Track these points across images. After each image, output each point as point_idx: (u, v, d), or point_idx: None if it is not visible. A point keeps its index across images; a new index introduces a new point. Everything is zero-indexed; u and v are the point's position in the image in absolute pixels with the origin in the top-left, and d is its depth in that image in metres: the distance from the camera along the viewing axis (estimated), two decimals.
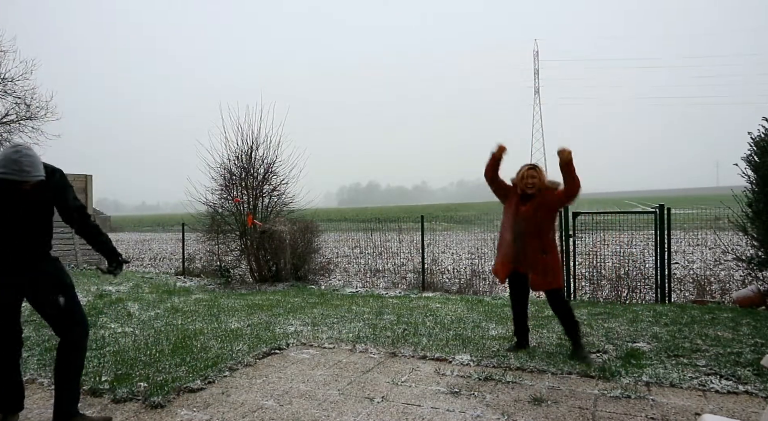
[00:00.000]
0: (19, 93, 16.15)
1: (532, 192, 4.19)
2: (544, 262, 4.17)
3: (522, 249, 4.19)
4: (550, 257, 4.20)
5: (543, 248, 4.18)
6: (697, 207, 10.88)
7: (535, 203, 4.19)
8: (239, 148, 10.10)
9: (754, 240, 6.56)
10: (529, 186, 4.20)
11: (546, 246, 4.20)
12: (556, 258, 4.28)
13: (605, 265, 8.02)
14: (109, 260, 3.18)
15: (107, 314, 6.40)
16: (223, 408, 3.28)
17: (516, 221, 4.22)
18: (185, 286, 9.58)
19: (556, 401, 3.30)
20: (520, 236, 4.19)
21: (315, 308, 6.56)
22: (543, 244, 4.18)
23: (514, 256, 4.24)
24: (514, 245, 4.22)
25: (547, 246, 4.21)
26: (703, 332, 4.90)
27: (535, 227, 4.17)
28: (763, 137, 6.38)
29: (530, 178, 4.21)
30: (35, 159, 2.74)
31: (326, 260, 11.26)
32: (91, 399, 3.43)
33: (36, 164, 2.73)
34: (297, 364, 4.19)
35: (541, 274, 4.18)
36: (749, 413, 3.08)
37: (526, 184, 4.21)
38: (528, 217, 4.17)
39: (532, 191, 4.19)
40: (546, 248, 4.19)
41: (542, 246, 4.18)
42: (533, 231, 4.17)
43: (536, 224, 4.18)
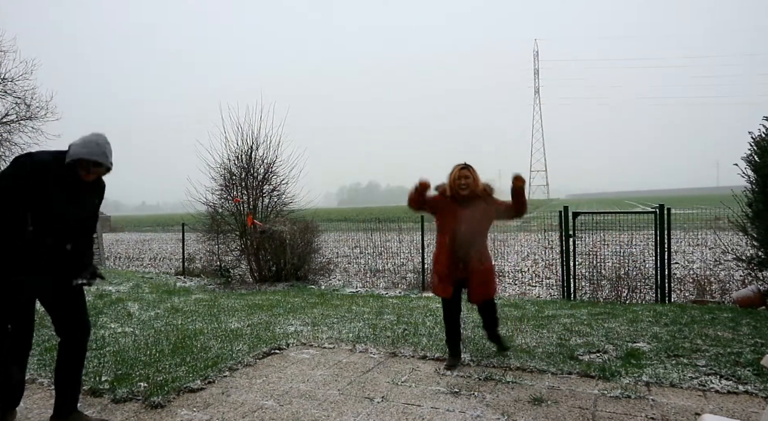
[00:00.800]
0: (19, 93, 16.14)
1: (465, 193, 3.88)
2: (484, 271, 3.98)
3: (464, 257, 3.91)
4: (487, 266, 4.02)
5: (481, 256, 3.97)
6: (697, 207, 10.89)
7: (480, 209, 3.90)
8: (239, 148, 10.12)
9: (754, 240, 6.56)
10: (462, 187, 3.87)
11: (484, 255, 4.01)
12: (491, 266, 4.12)
13: (605, 265, 8.02)
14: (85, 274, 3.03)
15: (107, 314, 6.40)
16: (223, 408, 3.29)
17: (457, 227, 3.88)
18: (185, 286, 9.58)
19: (556, 401, 3.30)
20: (463, 243, 3.89)
21: (315, 308, 6.57)
22: (481, 253, 3.98)
23: (455, 265, 3.93)
24: (456, 253, 3.91)
25: (485, 255, 4.04)
26: (703, 332, 4.90)
27: (476, 234, 3.93)
28: (763, 137, 6.38)
29: (463, 178, 3.88)
30: (111, 148, 2.85)
31: (326, 260, 11.26)
32: (91, 399, 3.43)
33: (112, 153, 2.85)
34: (297, 364, 4.19)
35: (482, 284, 3.99)
36: (749, 413, 3.08)
37: (459, 185, 3.88)
38: (471, 222, 3.88)
39: (465, 193, 3.87)
40: (484, 256, 4.01)
41: (481, 255, 3.96)
42: (474, 239, 3.92)
43: (478, 230, 3.94)
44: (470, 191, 3.88)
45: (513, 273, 11.06)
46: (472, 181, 3.89)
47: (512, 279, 10.48)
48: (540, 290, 9.25)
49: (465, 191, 3.87)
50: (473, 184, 3.88)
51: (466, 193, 3.87)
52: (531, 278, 10.61)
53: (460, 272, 3.94)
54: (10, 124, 16.30)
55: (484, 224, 4.00)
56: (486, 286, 4.02)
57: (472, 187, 3.88)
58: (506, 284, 9.86)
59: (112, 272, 11.78)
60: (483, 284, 3.99)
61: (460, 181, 3.87)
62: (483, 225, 3.99)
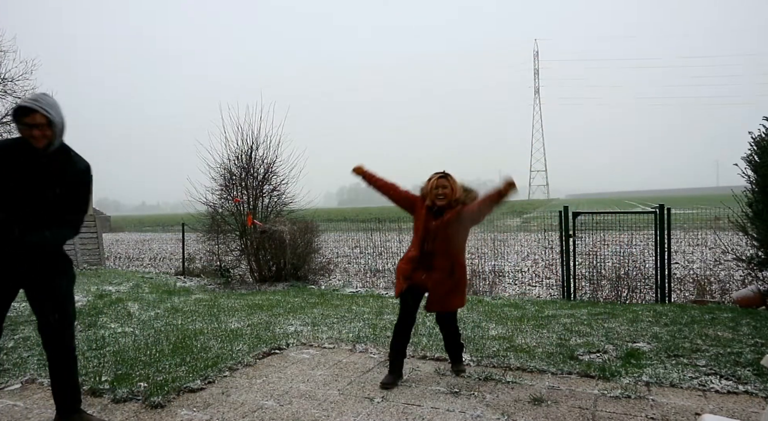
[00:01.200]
0: (19, 93, 16.14)
1: (442, 204, 3.61)
2: (448, 285, 3.64)
3: (427, 268, 3.63)
4: (457, 279, 3.67)
5: (453, 268, 3.64)
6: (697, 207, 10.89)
7: (448, 218, 3.61)
8: (239, 148, 10.11)
9: (754, 240, 6.56)
10: (440, 197, 3.61)
11: (456, 266, 3.67)
12: (463, 280, 3.75)
13: (605, 265, 8.02)
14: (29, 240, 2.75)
15: (107, 314, 6.40)
16: (223, 408, 3.29)
17: (425, 239, 3.64)
18: (185, 286, 9.58)
19: (556, 401, 3.30)
20: (429, 256, 3.63)
21: (315, 308, 6.57)
22: (453, 264, 3.65)
23: (413, 274, 3.65)
24: (417, 262, 3.65)
25: (458, 266, 3.68)
26: (703, 332, 4.90)
27: (447, 245, 3.62)
28: (763, 137, 6.37)
29: (441, 188, 3.61)
30: (54, 102, 2.66)
31: (326, 260, 11.26)
32: (91, 399, 3.43)
33: (53, 105, 2.64)
34: (297, 364, 4.19)
35: (442, 296, 3.66)
36: (749, 413, 3.08)
37: (436, 195, 3.62)
38: (439, 234, 3.60)
39: (442, 203, 3.60)
40: (456, 268, 3.66)
41: (452, 267, 3.64)
42: (444, 249, 3.62)
43: (448, 241, 3.63)
44: (448, 202, 3.65)
45: (513, 273, 11.06)
46: (450, 191, 3.63)
47: (512, 279, 10.48)
48: (540, 290, 9.25)
49: (442, 201, 3.63)
50: (451, 194, 3.63)
51: (443, 203, 3.64)
52: (531, 278, 10.61)
53: (423, 280, 3.65)
54: (10, 124, 16.31)
55: (461, 234, 3.74)
56: (446, 297, 3.67)
57: (449, 197, 3.64)
58: (506, 284, 9.86)
59: (112, 272, 11.78)
60: (443, 295, 3.66)
61: (438, 190, 3.64)
62: (459, 236, 3.72)
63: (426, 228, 3.65)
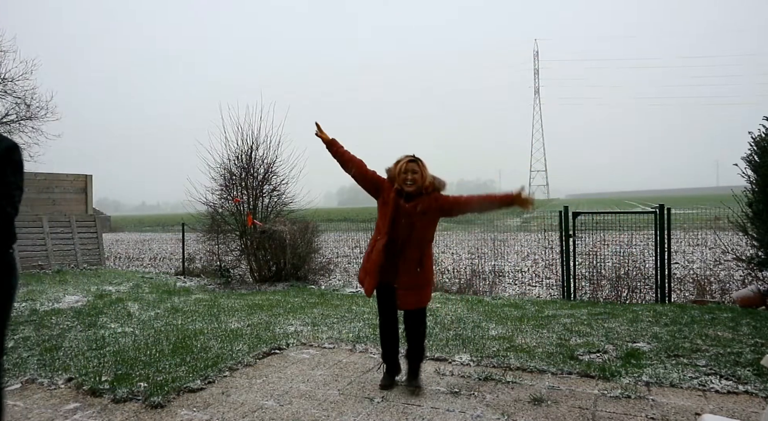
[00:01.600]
0: (19, 93, 16.16)
1: (410, 189, 3.39)
2: (418, 278, 3.45)
3: (396, 260, 3.43)
4: (425, 271, 3.49)
5: (421, 260, 3.46)
6: (697, 207, 10.89)
7: (425, 204, 3.42)
8: (239, 148, 10.11)
9: (754, 240, 6.56)
10: (408, 182, 3.39)
11: (425, 258, 3.49)
12: (430, 272, 3.57)
13: (605, 265, 8.02)
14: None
15: (107, 314, 6.40)
16: (223, 408, 3.29)
17: (396, 225, 3.41)
18: (185, 286, 9.57)
19: (556, 401, 3.30)
20: (397, 243, 3.42)
21: (315, 308, 6.56)
22: (422, 255, 3.46)
23: (384, 267, 3.43)
24: (387, 253, 3.42)
25: (426, 258, 3.50)
26: (703, 332, 4.90)
27: (419, 234, 3.43)
28: (763, 137, 6.38)
29: (411, 172, 3.39)
30: None
31: (326, 260, 11.26)
32: (91, 399, 3.43)
33: None
34: (297, 364, 4.19)
35: (414, 291, 3.45)
36: (749, 413, 3.08)
37: (404, 180, 3.40)
38: (412, 219, 3.40)
39: (410, 189, 3.39)
40: (424, 260, 3.48)
41: (421, 258, 3.46)
42: (415, 238, 3.42)
43: (421, 229, 3.43)
44: (416, 188, 3.41)
45: (513, 273, 11.06)
46: (420, 176, 3.40)
47: (512, 279, 10.48)
48: (540, 290, 9.25)
49: (411, 187, 3.40)
50: (420, 179, 3.40)
51: (411, 189, 3.40)
52: (531, 278, 10.61)
53: (392, 275, 3.45)
54: (10, 124, 16.31)
55: (429, 225, 3.51)
56: (418, 293, 3.48)
57: (419, 183, 3.40)
58: (506, 284, 9.86)
59: (112, 272, 11.78)
60: (415, 291, 3.46)
61: (407, 175, 3.40)
62: (427, 227, 3.49)
63: (396, 212, 3.40)
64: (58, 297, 7.70)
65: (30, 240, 11.71)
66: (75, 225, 12.59)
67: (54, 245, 12.12)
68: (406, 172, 3.40)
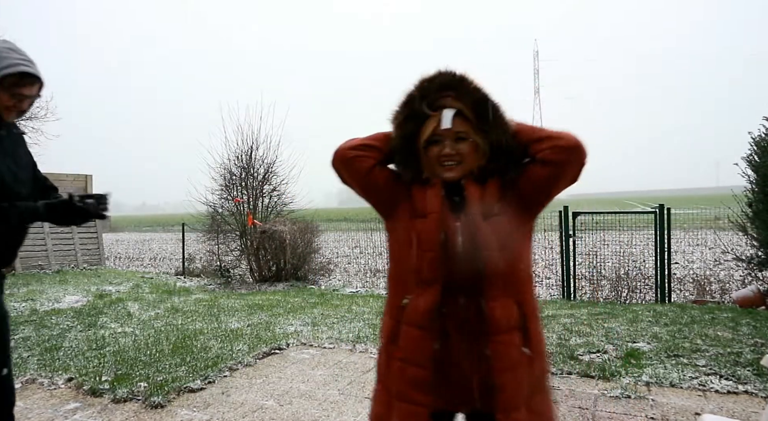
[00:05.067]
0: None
1: (453, 176, 1.44)
2: (529, 373, 1.43)
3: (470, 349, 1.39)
4: (538, 351, 1.46)
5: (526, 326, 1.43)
6: (697, 207, 10.89)
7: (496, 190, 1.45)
8: (239, 148, 10.14)
9: (754, 240, 6.56)
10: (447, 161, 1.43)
11: (532, 320, 1.46)
12: (545, 365, 1.52)
13: (605, 265, 8.01)
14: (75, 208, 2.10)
15: (107, 314, 6.40)
16: (223, 408, 3.29)
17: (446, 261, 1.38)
18: (185, 286, 9.57)
19: (556, 401, 3.30)
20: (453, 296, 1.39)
21: (315, 308, 6.56)
22: (526, 312, 1.44)
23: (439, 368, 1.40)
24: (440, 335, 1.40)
25: (534, 317, 1.47)
26: (703, 332, 4.90)
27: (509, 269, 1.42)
28: (763, 137, 6.37)
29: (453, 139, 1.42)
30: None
31: (326, 260, 11.26)
32: (91, 399, 3.43)
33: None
34: (297, 364, 4.19)
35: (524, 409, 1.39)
36: (749, 413, 3.08)
37: (440, 161, 1.44)
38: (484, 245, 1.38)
39: (453, 175, 1.44)
40: (532, 326, 1.45)
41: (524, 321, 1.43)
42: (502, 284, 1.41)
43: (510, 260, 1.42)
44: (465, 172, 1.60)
45: None
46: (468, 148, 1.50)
47: None
48: (540, 290, 9.24)
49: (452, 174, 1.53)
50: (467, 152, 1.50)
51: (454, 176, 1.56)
52: None
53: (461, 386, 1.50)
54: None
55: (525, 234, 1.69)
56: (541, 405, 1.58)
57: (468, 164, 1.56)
58: None
59: (112, 272, 11.78)
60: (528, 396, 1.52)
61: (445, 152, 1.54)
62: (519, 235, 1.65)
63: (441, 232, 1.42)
64: (58, 297, 7.70)
65: (30, 240, 11.71)
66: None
67: (54, 245, 12.12)
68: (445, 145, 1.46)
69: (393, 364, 1.46)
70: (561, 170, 1.41)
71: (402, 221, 1.48)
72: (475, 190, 1.42)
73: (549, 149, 1.39)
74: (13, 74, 1.85)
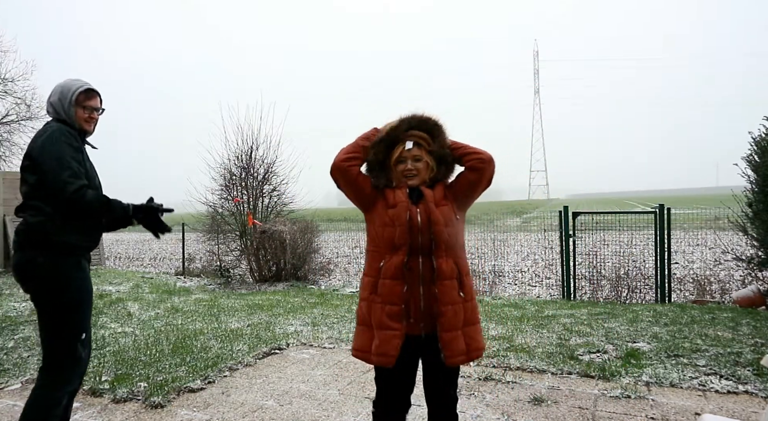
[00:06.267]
0: (19, 93, 16.17)
1: (413, 184, 2.16)
2: (463, 309, 2.11)
3: (425, 290, 2.07)
4: (469, 296, 2.15)
5: (461, 278, 2.12)
6: (697, 207, 10.90)
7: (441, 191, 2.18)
8: (239, 148, 10.12)
9: (754, 240, 6.56)
10: (410, 174, 2.15)
11: (465, 274, 2.15)
12: (474, 299, 2.20)
13: (605, 265, 8.01)
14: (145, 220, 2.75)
15: (107, 314, 6.40)
16: (223, 408, 3.29)
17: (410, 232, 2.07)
18: (185, 286, 9.57)
19: (556, 401, 3.30)
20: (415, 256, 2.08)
21: (315, 308, 6.56)
22: (460, 269, 2.13)
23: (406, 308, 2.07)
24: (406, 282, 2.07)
25: (466, 273, 2.16)
26: (703, 332, 4.90)
27: (450, 239, 2.10)
28: (763, 137, 6.38)
29: (413, 160, 2.15)
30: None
31: (326, 260, 11.26)
32: (91, 399, 3.43)
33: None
34: (297, 364, 4.19)
35: (460, 332, 2.11)
36: (749, 413, 3.08)
37: (404, 174, 2.16)
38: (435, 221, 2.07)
39: (414, 183, 2.16)
40: (465, 279, 2.15)
41: (459, 275, 2.12)
42: (445, 248, 2.09)
43: (451, 233, 2.11)
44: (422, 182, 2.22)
45: (513, 273, 11.06)
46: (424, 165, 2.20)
47: (512, 279, 10.48)
48: (540, 290, 9.25)
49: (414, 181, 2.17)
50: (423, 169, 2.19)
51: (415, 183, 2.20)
52: (531, 278, 10.61)
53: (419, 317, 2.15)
54: (10, 124, 16.32)
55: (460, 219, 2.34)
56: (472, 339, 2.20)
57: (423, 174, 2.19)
58: (506, 284, 9.86)
59: (112, 272, 11.78)
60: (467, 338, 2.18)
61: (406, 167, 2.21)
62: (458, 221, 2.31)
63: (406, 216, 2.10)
64: None
65: None
66: None
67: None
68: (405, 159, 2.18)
69: (374, 307, 2.11)
70: (482, 175, 2.17)
71: (378, 212, 2.16)
72: (428, 191, 2.15)
73: (475, 160, 2.15)
74: (81, 92, 2.49)
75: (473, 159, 2.16)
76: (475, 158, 2.16)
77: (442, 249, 2.08)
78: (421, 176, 2.17)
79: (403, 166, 2.17)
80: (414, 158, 2.16)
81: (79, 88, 2.49)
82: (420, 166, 2.17)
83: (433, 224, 2.07)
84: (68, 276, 2.45)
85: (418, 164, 2.17)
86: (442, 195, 2.17)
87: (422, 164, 2.17)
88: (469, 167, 2.17)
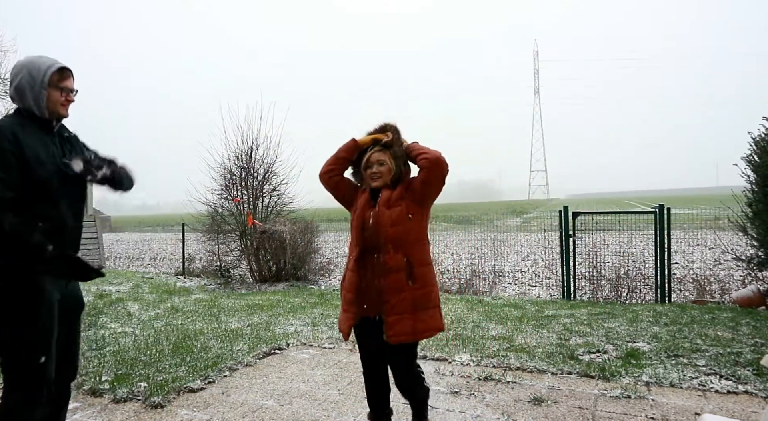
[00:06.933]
0: None
1: (377, 185, 2.56)
2: (412, 296, 2.44)
3: (372, 276, 2.49)
4: (421, 285, 2.47)
5: (411, 270, 2.45)
6: (697, 207, 10.89)
7: (399, 192, 2.53)
8: (239, 148, 10.12)
9: (754, 240, 6.56)
10: (375, 177, 2.57)
11: (417, 266, 2.47)
12: (433, 286, 2.54)
13: (605, 265, 8.02)
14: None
15: (107, 314, 6.40)
16: (223, 408, 3.29)
17: (366, 229, 2.52)
18: (185, 286, 9.57)
19: (556, 401, 3.30)
20: (370, 253, 2.51)
21: (315, 308, 6.57)
22: (411, 261, 2.46)
23: (359, 292, 2.53)
24: (360, 270, 2.53)
25: (419, 264, 2.48)
26: (703, 332, 4.90)
27: (400, 236, 2.46)
28: (763, 137, 6.38)
29: (378, 164, 2.56)
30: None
31: (326, 260, 11.26)
32: (91, 399, 3.43)
33: None
34: (297, 364, 4.19)
35: (408, 315, 2.43)
36: (749, 413, 3.08)
37: (370, 177, 2.59)
38: (386, 218, 2.47)
39: (377, 184, 2.56)
40: (417, 270, 2.47)
41: (410, 267, 2.45)
42: (392, 245, 2.46)
43: (399, 231, 2.47)
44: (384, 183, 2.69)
45: (513, 273, 11.06)
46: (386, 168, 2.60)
47: (512, 279, 10.48)
48: (540, 290, 9.25)
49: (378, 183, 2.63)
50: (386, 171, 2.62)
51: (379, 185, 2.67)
52: (531, 278, 10.61)
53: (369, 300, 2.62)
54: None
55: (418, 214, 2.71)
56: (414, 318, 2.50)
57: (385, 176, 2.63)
58: (506, 284, 9.86)
59: (112, 272, 11.78)
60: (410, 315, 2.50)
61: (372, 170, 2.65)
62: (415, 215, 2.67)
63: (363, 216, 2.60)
64: None
65: None
66: None
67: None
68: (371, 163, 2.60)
69: (342, 293, 2.65)
70: (431, 173, 2.46)
71: (353, 212, 2.62)
72: (386, 193, 2.52)
73: (423, 160, 2.46)
74: (54, 72, 2.13)
75: (422, 159, 2.46)
76: (422, 158, 2.46)
77: (389, 246, 2.44)
78: (384, 178, 2.55)
79: (370, 170, 2.57)
80: (378, 163, 2.55)
81: (51, 66, 2.12)
82: (383, 169, 2.54)
83: (380, 225, 2.45)
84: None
85: (382, 168, 2.55)
86: (400, 195, 2.50)
87: (385, 168, 2.54)
88: (420, 167, 2.49)
